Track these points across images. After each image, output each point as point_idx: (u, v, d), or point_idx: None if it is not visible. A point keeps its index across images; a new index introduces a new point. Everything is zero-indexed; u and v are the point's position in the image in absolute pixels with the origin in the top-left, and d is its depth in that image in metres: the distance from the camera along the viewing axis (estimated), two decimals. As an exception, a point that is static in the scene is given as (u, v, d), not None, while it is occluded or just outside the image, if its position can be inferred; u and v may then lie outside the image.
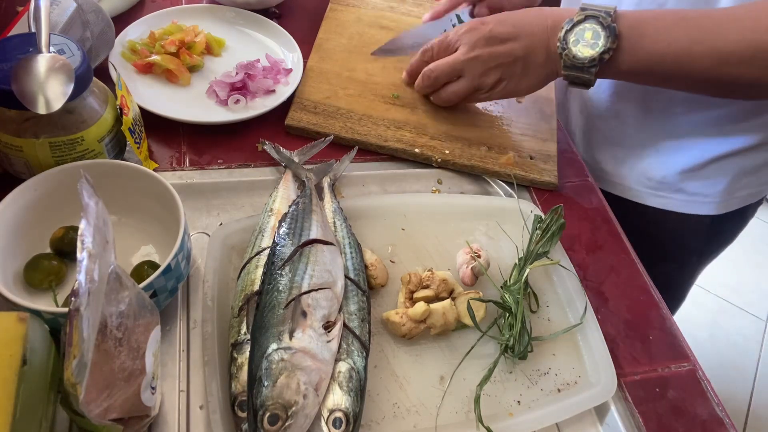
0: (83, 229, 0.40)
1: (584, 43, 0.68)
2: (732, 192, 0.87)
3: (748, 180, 0.87)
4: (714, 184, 0.87)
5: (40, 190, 0.59)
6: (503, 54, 0.74)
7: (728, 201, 0.88)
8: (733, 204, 0.89)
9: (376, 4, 1.00)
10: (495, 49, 0.74)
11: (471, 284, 0.65)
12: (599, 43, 0.68)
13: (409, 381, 0.58)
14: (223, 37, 0.87)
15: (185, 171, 0.72)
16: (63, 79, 0.57)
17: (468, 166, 0.78)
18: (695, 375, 0.63)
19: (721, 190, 0.87)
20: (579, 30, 0.69)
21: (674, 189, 0.88)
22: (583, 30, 0.68)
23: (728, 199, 0.88)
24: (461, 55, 0.76)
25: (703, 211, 0.89)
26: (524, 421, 0.56)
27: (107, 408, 0.41)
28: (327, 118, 0.79)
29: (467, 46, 0.76)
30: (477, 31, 0.75)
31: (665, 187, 0.89)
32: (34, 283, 0.57)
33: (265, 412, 0.48)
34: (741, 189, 0.87)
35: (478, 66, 0.75)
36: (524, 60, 0.74)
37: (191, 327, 0.59)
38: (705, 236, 0.93)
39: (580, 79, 0.72)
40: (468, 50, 0.75)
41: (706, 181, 0.86)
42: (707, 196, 0.88)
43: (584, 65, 0.69)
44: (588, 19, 0.68)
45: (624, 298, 0.69)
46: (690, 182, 0.87)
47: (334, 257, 0.59)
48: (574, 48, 0.69)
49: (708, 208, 0.88)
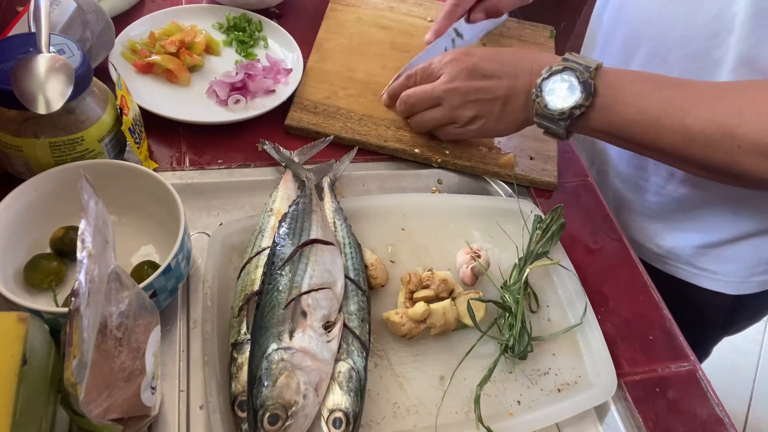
0: (83, 229, 0.40)
1: (558, 94, 0.66)
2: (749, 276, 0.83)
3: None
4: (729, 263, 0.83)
5: (40, 190, 0.59)
6: (483, 90, 0.71)
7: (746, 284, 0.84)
8: (751, 287, 0.84)
9: (376, 4, 1.00)
10: (475, 84, 0.72)
11: (471, 284, 0.65)
12: (572, 98, 0.65)
13: (409, 381, 0.58)
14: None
15: (185, 171, 0.72)
16: (63, 79, 0.57)
17: (468, 166, 0.78)
18: (695, 375, 0.63)
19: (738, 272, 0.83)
20: (555, 79, 0.66)
21: (684, 261, 0.85)
22: (560, 80, 0.66)
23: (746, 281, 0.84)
24: (440, 84, 0.74)
25: (718, 288, 0.85)
26: (524, 421, 0.56)
27: (107, 408, 0.41)
28: (327, 118, 0.79)
29: (448, 75, 0.73)
30: (460, 62, 0.73)
31: (675, 257, 0.86)
32: (34, 283, 0.57)
33: (265, 412, 0.48)
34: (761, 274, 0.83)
35: (456, 97, 0.73)
36: (504, 100, 0.71)
37: (191, 327, 0.59)
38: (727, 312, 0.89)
39: (550, 130, 0.69)
40: (448, 80, 0.73)
41: (720, 259, 0.83)
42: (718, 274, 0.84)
43: (554, 116, 0.66)
44: (566, 70, 0.66)
45: (624, 298, 0.69)
46: (702, 258, 0.84)
47: (334, 257, 0.59)
48: (548, 97, 0.66)
49: (725, 287, 0.84)
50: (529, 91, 0.69)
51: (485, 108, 0.73)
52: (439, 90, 0.74)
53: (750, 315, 0.94)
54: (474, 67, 0.72)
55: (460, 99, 0.73)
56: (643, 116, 0.64)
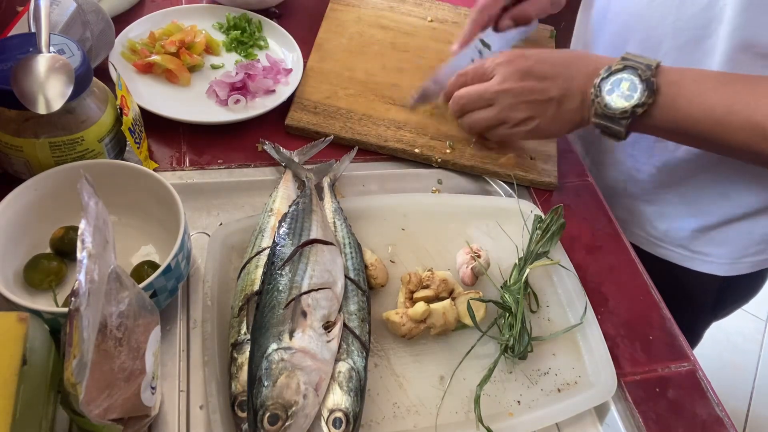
0: (83, 229, 0.40)
1: (619, 94, 0.65)
2: (741, 257, 0.85)
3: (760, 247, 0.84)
4: (722, 246, 0.84)
5: (40, 190, 0.59)
6: (537, 91, 0.71)
7: (737, 265, 0.85)
8: (742, 268, 0.86)
9: (376, 4, 1.00)
10: (529, 84, 0.71)
11: (471, 284, 0.65)
12: (634, 96, 0.65)
13: (409, 381, 0.58)
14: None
15: (185, 171, 0.72)
16: (63, 79, 0.57)
17: (468, 166, 0.78)
18: (695, 375, 0.63)
19: (730, 253, 0.84)
20: (615, 79, 0.66)
21: (677, 244, 0.86)
22: (620, 80, 0.65)
23: (737, 263, 0.85)
24: (494, 85, 0.73)
25: (710, 270, 0.86)
26: (524, 421, 0.56)
27: (107, 408, 0.41)
28: (327, 118, 0.79)
29: (501, 76, 0.73)
30: (514, 64, 0.72)
31: (668, 240, 0.86)
32: (34, 283, 0.57)
33: (265, 412, 0.48)
34: (752, 255, 0.85)
35: (509, 98, 0.72)
36: (558, 102, 0.71)
37: (191, 327, 0.59)
38: (717, 294, 0.90)
39: (610, 130, 0.68)
40: (501, 81, 0.72)
41: (713, 242, 0.84)
42: (711, 256, 0.85)
43: (615, 116, 0.66)
44: (627, 69, 0.65)
45: (624, 298, 0.69)
46: (696, 241, 0.85)
47: (334, 257, 0.59)
48: (608, 97, 0.66)
49: (717, 269, 0.85)
50: (585, 92, 0.69)
51: (538, 109, 0.72)
52: (491, 90, 0.73)
53: (738, 297, 0.95)
54: (529, 69, 0.71)
55: (513, 99, 0.72)
56: (708, 113, 0.64)
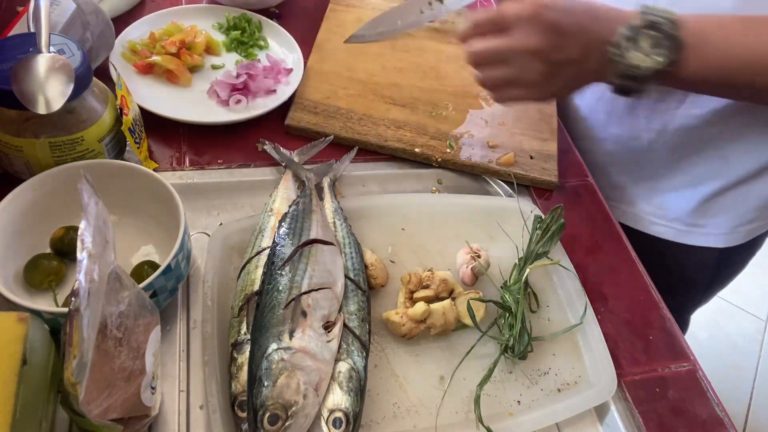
0: (83, 229, 0.40)
1: (644, 52, 0.61)
2: (737, 226, 0.84)
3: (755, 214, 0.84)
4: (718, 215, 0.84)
5: (40, 190, 0.59)
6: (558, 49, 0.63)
7: (733, 234, 0.85)
8: (738, 237, 0.85)
9: (376, 4, 1.00)
10: (550, 41, 0.63)
11: (471, 284, 0.65)
12: (662, 54, 0.60)
13: (409, 381, 0.58)
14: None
15: (185, 171, 0.72)
16: (63, 79, 0.57)
17: (468, 166, 0.78)
18: (695, 375, 0.63)
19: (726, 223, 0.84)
20: (639, 36, 0.61)
21: (672, 218, 0.86)
22: (645, 36, 0.60)
23: (733, 232, 0.85)
24: (512, 41, 0.64)
25: (707, 243, 0.85)
26: (524, 421, 0.56)
27: (107, 408, 0.41)
28: (327, 118, 0.79)
29: (522, 32, 0.63)
30: (537, 18, 0.62)
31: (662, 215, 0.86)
32: (34, 283, 0.57)
33: (265, 412, 0.48)
34: (749, 222, 0.84)
35: (526, 58, 0.64)
36: (578, 63, 0.64)
37: (191, 327, 0.59)
38: (714, 269, 0.90)
39: (630, 89, 0.63)
40: (522, 37, 0.63)
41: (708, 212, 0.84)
42: (707, 227, 0.85)
43: (640, 75, 0.61)
44: (650, 25, 0.60)
45: (624, 298, 0.69)
46: (692, 213, 0.84)
47: (334, 257, 0.59)
48: (633, 55, 0.61)
49: (714, 240, 0.85)
50: (602, 50, 0.63)
51: (556, 70, 0.65)
52: (509, 48, 0.65)
53: (732, 272, 0.94)
54: (553, 23, 0.62)
55: (531, 60, 0.64)
56: (736, 60, 0.62)
